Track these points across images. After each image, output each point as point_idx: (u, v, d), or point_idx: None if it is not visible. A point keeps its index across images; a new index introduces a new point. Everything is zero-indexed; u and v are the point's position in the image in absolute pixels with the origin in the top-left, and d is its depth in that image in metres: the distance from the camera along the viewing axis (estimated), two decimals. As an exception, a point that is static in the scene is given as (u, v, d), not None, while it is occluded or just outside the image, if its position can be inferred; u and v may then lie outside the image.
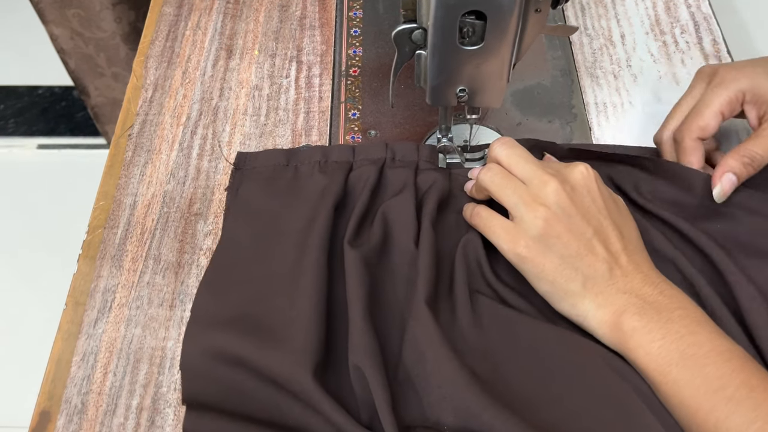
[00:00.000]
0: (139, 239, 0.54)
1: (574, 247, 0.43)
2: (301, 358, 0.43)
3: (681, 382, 0.39)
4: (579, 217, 0.44)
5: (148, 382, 0.47)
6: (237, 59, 0.65)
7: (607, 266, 0.43)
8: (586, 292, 0.43)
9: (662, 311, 0.41)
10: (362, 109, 0.61)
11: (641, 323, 0.41)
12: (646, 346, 0.41)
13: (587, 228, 0.44)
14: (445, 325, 0.45)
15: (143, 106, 0.62)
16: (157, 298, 0.51)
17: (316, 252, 0.48)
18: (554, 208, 0.43)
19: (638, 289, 0.43)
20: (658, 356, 0.40)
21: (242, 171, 0.56)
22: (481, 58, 0.45)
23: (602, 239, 0.44)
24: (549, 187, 0.44)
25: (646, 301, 0.42)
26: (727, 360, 0.39)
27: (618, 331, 0.42)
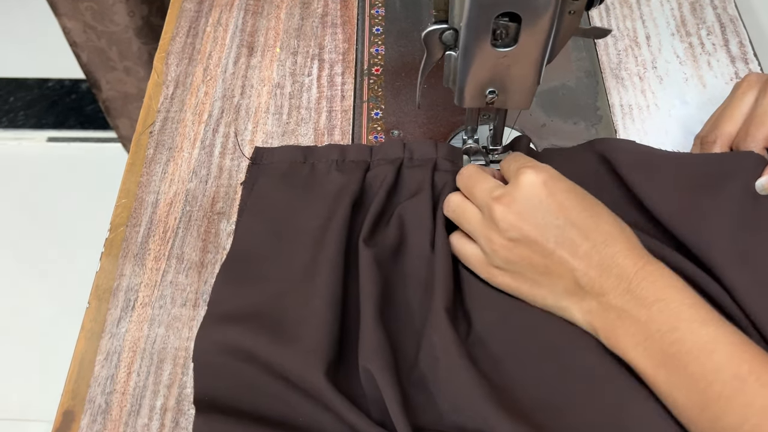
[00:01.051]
0: (162, 238, 0.53)
1: (541, 265, 0.42)
2: (314, 357, 0.42)
3: (670, 383, 0.38)
4: (535, 235, 0.42)
5: (171, 383, 0.47)
6: (258, 57, 0.65)
7: (576, 275, 0.42)
8: (566, 303, 0.43)
9: (641, 309, 0.39)
10: (385, 109, 0.61)
11: (623, 328, 0.40)
12: (632, 350, 0.40)
13: (546, 243, 0.42)
14: (462, 332, 0.45)
15: (164, 103, 0.62)
16: (180, 298, 0.50)
17: (332, 250, 0.47)
18: (508, 234, 0.43)
19: (614, 288, 0.40)
20: (644, 359, 0.39)
21: (259, 166, 0.55)
22: (514, 60, 0.44)
23: (566, 248, 0.42)
24: (496, 215, 0.43)
25: (622, 305, 0.40)
26: (712, 353, 0.37)
27: (604, 336, 0.42)
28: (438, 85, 0.49)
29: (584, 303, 0.42)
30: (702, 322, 0.38)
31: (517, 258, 0.43)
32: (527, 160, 0.45)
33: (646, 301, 0.40)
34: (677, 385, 0.38)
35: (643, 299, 0.40)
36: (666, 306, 0.39)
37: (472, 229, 0.46)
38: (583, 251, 0.41)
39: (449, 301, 0.45)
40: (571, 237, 0.42)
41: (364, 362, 0.42)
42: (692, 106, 0.60)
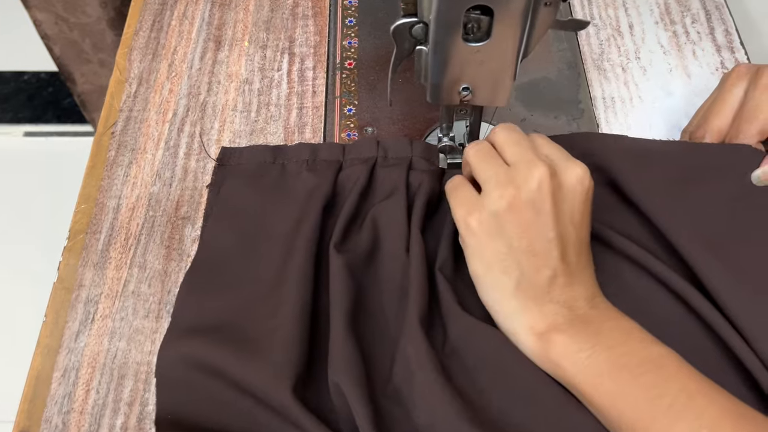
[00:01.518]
0: (124, 245, 0.51)
1: (527, 242, 0.40)
2: (281, 372, 0.40)
3: (615, 393, 0.37)
4: (548, 216, 0.40)
5: (133, 400, 0.44)
6: (226, 51, 0.62)
7: (552, 274, 0.40)
8: (517, 292, 0.41)
9: (592, 323, 0.39)
10: (358, 105, 0.58)
11: (568, 334, 0.39)
12: (572, 356, 0.38)
13: (551, 230, 0.40)
14: (438, 342, 0.43)
15: (127, 102, 0.59)
16: (143, 309, 0.48)
17: (301, 257, 0.45)
18: (527, 195, 0.40)
19: (571, 301, 0.40)
20: (587, 367, 0.38)
21: (225, 167, 0.53)
22: (487, 55, 0.42)
23: (561, 246, 0.40)
24: (534, 173, 0.40)
25: (576, 314, 0.40)
26: (661, 367, 0.37)
27: (542, 340, 0.40)
28: (413, 79, 0.46)
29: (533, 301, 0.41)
30: (653, 341, 0.38)
31: (513, 219, 0.40)
32: (564, 154, 0.43)
33: (600, 318, 0.40)
34: (624, 395, 0.36)
35: (596, 316, 0.40)
36: (618, 325, 0.39)
37: (491, 172, 0.41)
38: (569, 261, 0.41)
39: (424, 311, 0.43)
40: (569, 242, 0.41)
41: (334, 376, 0.40)
42: (677, 98, 0.58)
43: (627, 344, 0.38)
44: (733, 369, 0.42)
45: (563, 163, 0.41)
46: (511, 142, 0.42)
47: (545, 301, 0.40)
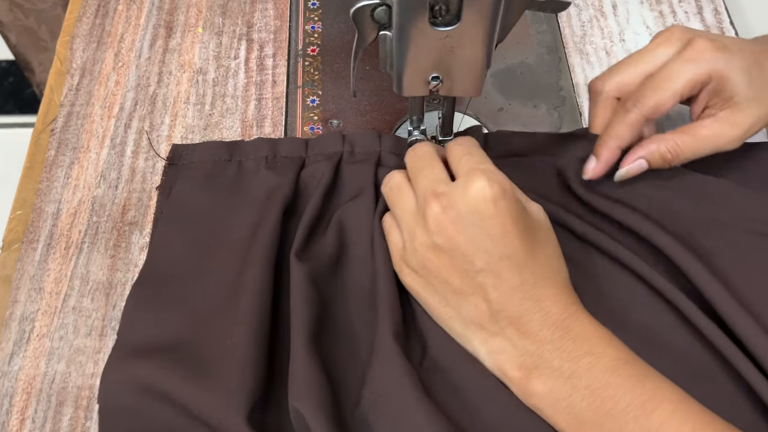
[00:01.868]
0: (64, 255, 0.46)
1: (456, 284, 0.37)
2: (235, 398, 0.36)
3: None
4: (464, 250, 0.36)
5: (73, 429, 0.40)
6: (178, 38, 0.57)
7: (492, 309, 0.36)
8: (471, 335, 0.37)
9: (565, 362, 0.34)
10: (322, 95, 0.54)
11: (540, 380, 0.35)
12: (550, 407, 0.34)
13: (472, 264, 0.36)
14: (415, 357, 0.39)
15: (68, 95, 0.54)
16: (85, 326, 0.44)
17: (259, 267, 0.41)
18: (435, 238, 0.36)
19: (533, 334, 0.35)
20: (567, 416, 0.34)
21: (177, 167, 0.48)
22: (457, 41, 0.37)
23: (492, 276, 0.36)
24: (429, 212, 0.37)
25: (542, 354, 0.35)
26: (651, 412, 0.32)
27: (515, 385, 0.36)
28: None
29: (493, 341, 0.37)
30: (638, 379, 0.33)
31: (434, 267, 0.37)
32: (483, 160, 0.38)
33: (573, 354, 0.34)
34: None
35: (568, 351, 0.34)
36: (597, 361, 0.34)
37: (400, 216, 0.40)
38: (508, 287, 0.36)
39: (397, 323, 0.39)
40: (500, 267, 0.36)
41: (294, 402, 0.36)
42: (664, 83, 0.54)
43: (611, 386, 0.33)
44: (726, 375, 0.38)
45: (462, 184, 0.37)
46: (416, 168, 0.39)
47: (501, 341, 0.36)
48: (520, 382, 0.36)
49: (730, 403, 0.37)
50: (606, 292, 0.42)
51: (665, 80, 0.41)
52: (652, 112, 0.42)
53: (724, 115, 0.41)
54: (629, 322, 0.40)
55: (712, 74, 0.41)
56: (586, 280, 0.42)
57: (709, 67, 0.41)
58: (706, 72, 0.41)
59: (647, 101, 0.41)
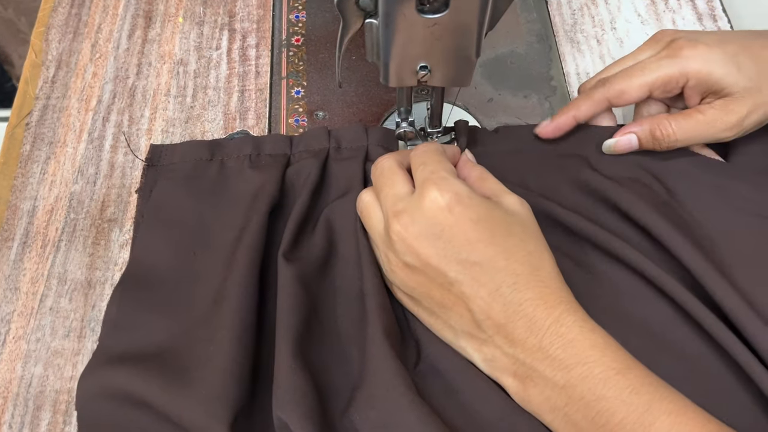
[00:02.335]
0: (40, 254, 0.45)
1: (437, 298, 0.36)
2: (217, 406, 0.35)
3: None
4: (435, 263, 0.35)
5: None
6: (157, 28, 0.55)
7: (476, 319, 0.34)
8: (464, 344, 0.36)
9: (557, 372, 0.32)
10: (307, 86, 0.52)
11: (536, 390, 0.33)
12: (548, 415, 0.33)
13: (445, 277, 0.35)
14: (410, 359, 0.38)
15: (44, 88, 0.52)
16: (63, 328, 0.42)
17: (243, 270, 0.39)
18: (404, 258, 0.36)
19: (521, 342, 0.33)
20: (566, 425, 0.33)
21: (157, 168, 0.46)
22: (446, 29, 0.36)
23: (467, 285, 0.34)
24: (392, 234, 0.36)
25: (533, 364, 0.33)
26: (649, 426, 0.30)
27: (512, 393, 0.35)
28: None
29: (485, 349, 0.35)
30: (633, 390, 0.31)
31: (413, 284, 0.36)
32: (436, 168, 0.37)
33: (564, 363, 0.32)
34: None
35: (560, 361, 0.32)
36: (590, 371, 0.32)
37: (373, 238, 0.39)
38: (486, 293, 0.34)
39: (388, 322, 0.38)
40: (473, 275, 0.34)
41: (278, 411, 0.35)
42: (657, 72, 0.53)
43: (604, 399, 0.31)
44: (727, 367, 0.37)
45: (416, 196, 0.36)
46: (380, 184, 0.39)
47: (491, 349, 0.35)
48: (517, 390, 0.34)
49: (731, 395, 0.36)
50: (602, 286, 0.41)
51: (637, 70, 0.42)
52: (617, 96, 0.43)
53: (719, 104, 0.41)
54: (626, 316, 0.39)
55: (687, 72, 0.41)
56: (582, 274, 0.41)
57: (682, 65, 0.41)
58: (679, 70, 0.41)
59: (614, 85, 0.43)
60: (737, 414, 0.34)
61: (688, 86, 0.42)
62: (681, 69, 0.41)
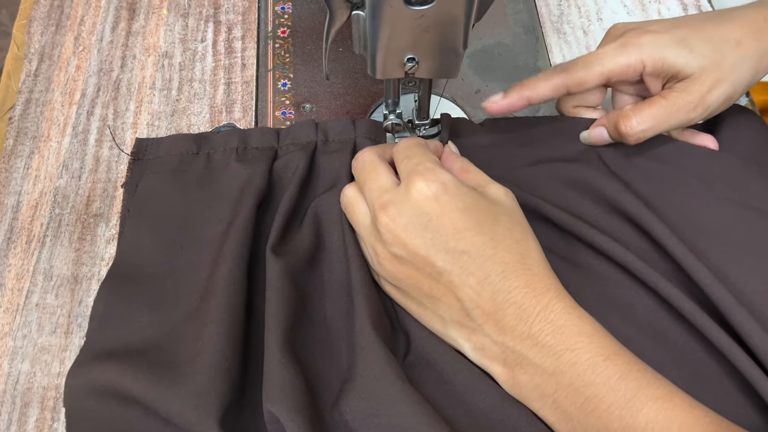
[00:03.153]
0: (25, 250, 0.44)
1: (426, 288, 0.36)
2: (206, 401, 0.34)
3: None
4: (423, 254, 0.35)
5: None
6: (141, 20, 0.54)
7: (465, 308, 0.35)
8: (454, 334, 0.37)
9: (546, 358, 0.33)
10: (294, 78, 0.52)
11: (525, 377, 0.34)
12: (537, 402, 0.34)
13: (433, 267, 0.35)
14: (400, 350, 0.38)
15: (27, 82, 0.51)
16: (49, 324, 0.42)
17: (231, 264, 0.39)
18: (392, 249, 0.36)
19: (511, 330, 0.34)
20: (555, 411, 0.33)
21: (142, 162, 0.46)
22: (433, 20, 0.36)
23: (456, 275, 0.34)
24: (380, 225, 0.36)
25: (523, 351, 0.33)
26: (637, 412, 0.31)
27: (502, 380, 0.35)
28: (353, 49, 0.41)
29: (475, 338, 0.35)
30: (621, 376, 0.31)
31: (401, 275, 0.36)
32: (421, 160, 0.37)
33: (553, 350, 0.32)
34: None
35: (549, 347, 0.33)
36: (578, 358, 0.32)
37: (359, 232, 0.39)
38: (475, 281, 0.34)
39: (375, 313, 0.38)
40: (461, 264, 0.34)
41: (268, 404, 0.35)
42: (643, 63, 0.53)
43: (593, 385, 0.32)
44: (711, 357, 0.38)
45: (402, 188, 0.36)
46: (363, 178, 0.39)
47: (480, 337, 0.35)
48: (507, 378, 0.35)
49: (715, 382, 0.37)
50: (588, 278, 0.41)
51: (594, 59, 0.43)
52: (576, 84, 0.43)
53: (679, 86, 0.42)
54: (611, 305, 0.40)
55: (643, 59, 0.42)
56: (566, 267, 0.41)
57: (636, 53, 0.42)
58: (635, 58, 0.42)
59: (573, 72, 0.43)
60: (721, 400, 0.35)
61: (646, 73, 0.42)
62: (636, 57, 0.42)
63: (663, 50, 0.41)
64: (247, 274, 0.40)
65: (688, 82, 0.41)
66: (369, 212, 0.38)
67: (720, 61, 0.41)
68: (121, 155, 0.48)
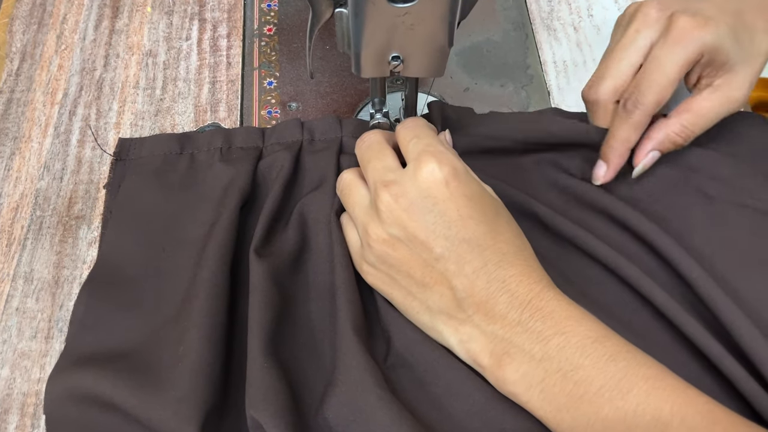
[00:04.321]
0: (5, 253, 0.43)
1: (418, 275, 0.35)
2: (187, 408, 0.34)
3: (578, 429, 0.31)
4: (422, 237, 0.34)
5: (18, 439, 0.38)
6: (125, 18, 0.54)
7: (457, 296, 0.34)
8: (441, 326, 0.36)
9: (535, 344, 0.32)
10: (280, 77, 0.51)
11: (512, 367, 0.33)
12: (524, 393, 0.33)
13: (430, 252, 0.34)
14: (380, 353, 0.37)
15: (8, 81, 0.50)
16: (29, 328, 0.41)
17: (213, 267, 0.38)
18: (390, 229, 0.35)
19: (501, 318, 0.33)
20: (542, 402, 0.32)
21: (125, 162, 0.45)
22: (417, 18, 0.35)
23: (452, 261, 0.34)
24: (381, 203, 0.35)
25: (512, 338, 0.33)
26: (627, 393, 0.30)
27: (488, 373, 0.34)
28: (338, 47, 0.40)
29: (463, 329, 0.35)
30: (610, 358, 0.31)
31: (393, 260, 0.36)
32: (432, 142, 0.36)
33: (542, 335, 0.32)
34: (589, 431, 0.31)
35: (537, 333, 0.32)
36: (567, 341, 0.32)
37: (354, 214, 0.38)
38: (471, 270, 0.34)
39: (357, 317, 0.37)
40: (460, 252, 0.34)
41: (250, 410, 0.34)
42: (634, 60, 0.52)
43: (582, 368, 0.31)
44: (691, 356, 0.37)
45: (412, 169, 0.35)
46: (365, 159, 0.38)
47: (470, 329, 0.34)
48: (493, 370, 0.34)
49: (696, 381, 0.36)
50: (573, 274, 0.41)
51: (658, 72, 0.39)
52: (654, 109, 0.40)
53: (721, 83, 0.40)
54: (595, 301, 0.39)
55: (702, 51, 0.39)
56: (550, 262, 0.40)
57: (698, 46, 0.38)
58: (697, 51, 0.38)
59: (647, 99, 0.39)
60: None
61: (698, 63, 0.39)
62: (698, 50, 0.38)
63: (721, 41, 0.38)
64: (230, 276, 0.39)
65: (730, 78, 0.39)
66: (368, 194, 0.37)
67: (755, 54, 0.39)
68: (104, 156, 0.47)
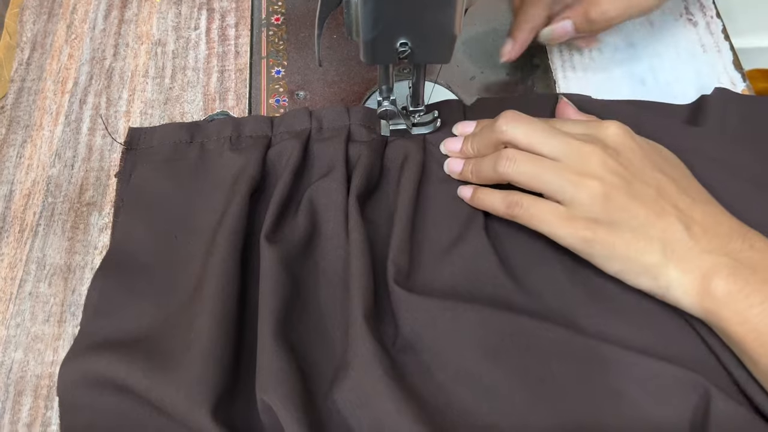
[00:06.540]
0: (18, 239, 0.44)
1: (643, 214, 0.37)
2: (199, 391, 0.34)
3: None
4: (637, 181, 0.37)
5: (33, 420, 0.38)
6: (134, 8, 0.54)
7: (684, 225, 0.36)
8: (667, 261, 0.36)
9: (758, 270, 0.35)
10: (288, 66, 0.52)
11: (736, 286, 0.34)
12: (743, 312, 0.34)
13: (648, 189, 0.37)
14: (388, 337, 0.38)
15: (19, 71, 0.51)
16: (43, 312, 0.42)
17: (224, 253, 0.39)
18: (608, 179, 0.37)
19: (725, 245, 0.36)
20: (759, 324, 0.34)
21: (136, 151, 0.46)
22: (425, 5, 0.35)
23: (668, 197, 0.37)
24: (594, 158, 0.38)
25: (737, 260, 0.35)
26: None
27: (708, 298, 0.35)
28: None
29: (687, 260, 0.36)
30: None
31: (617, 206, 0.37)
32: (592, 117, 0.42)
33: (765, 262, 0.35)
34: None
35: (759, 260, 0.35)
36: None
37: (558, 179, 0.38)
38: (685, 204, 0.37)
39: (369, 303, 0.38)
40: (669, 188, 0.38)
41: (261, 393, 0.35)
42: (639, 49, 0.53)
43: None
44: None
45: (597, 132, 0.39)
46: (536, 137, 0.39)
47: (697, 254, 0.36)
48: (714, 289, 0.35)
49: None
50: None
51: None
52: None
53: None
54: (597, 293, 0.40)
55: None
56: None
57: None
58: None
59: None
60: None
61: None
62: None
63: None
64: (241, 262, 0.40)
65: None
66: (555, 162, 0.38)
67: None
68: (114, 144, 0.47)
